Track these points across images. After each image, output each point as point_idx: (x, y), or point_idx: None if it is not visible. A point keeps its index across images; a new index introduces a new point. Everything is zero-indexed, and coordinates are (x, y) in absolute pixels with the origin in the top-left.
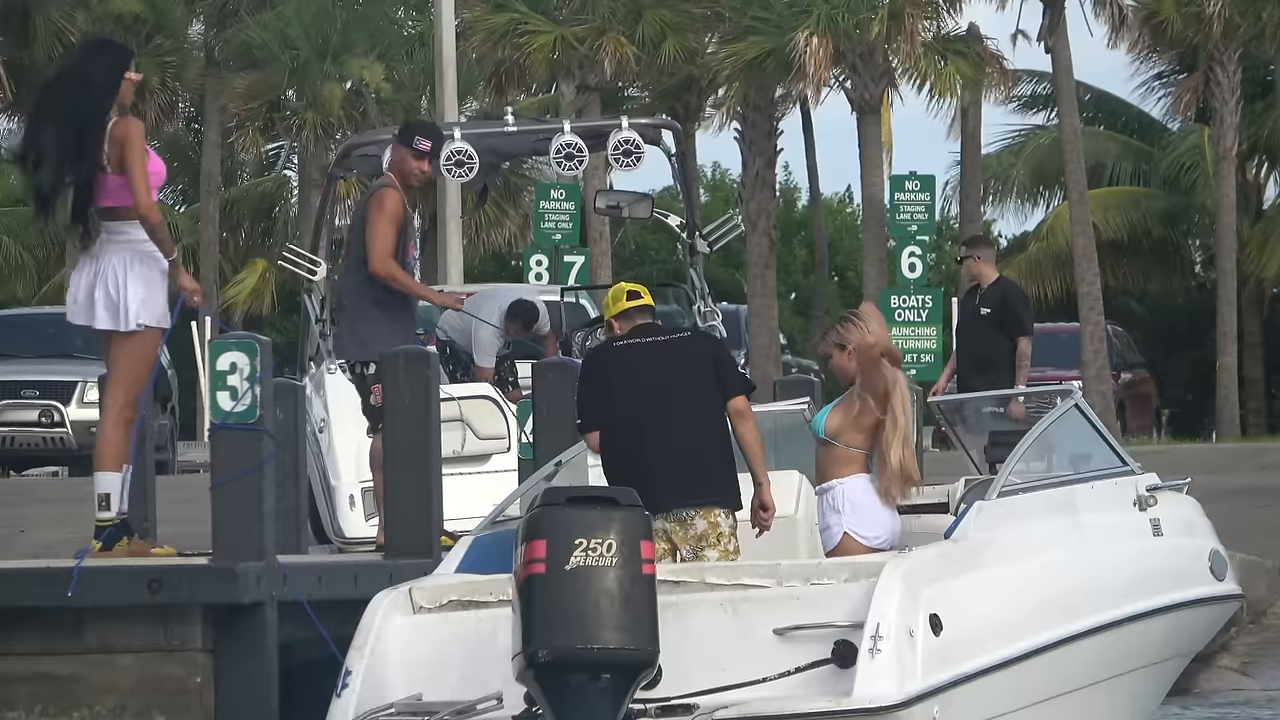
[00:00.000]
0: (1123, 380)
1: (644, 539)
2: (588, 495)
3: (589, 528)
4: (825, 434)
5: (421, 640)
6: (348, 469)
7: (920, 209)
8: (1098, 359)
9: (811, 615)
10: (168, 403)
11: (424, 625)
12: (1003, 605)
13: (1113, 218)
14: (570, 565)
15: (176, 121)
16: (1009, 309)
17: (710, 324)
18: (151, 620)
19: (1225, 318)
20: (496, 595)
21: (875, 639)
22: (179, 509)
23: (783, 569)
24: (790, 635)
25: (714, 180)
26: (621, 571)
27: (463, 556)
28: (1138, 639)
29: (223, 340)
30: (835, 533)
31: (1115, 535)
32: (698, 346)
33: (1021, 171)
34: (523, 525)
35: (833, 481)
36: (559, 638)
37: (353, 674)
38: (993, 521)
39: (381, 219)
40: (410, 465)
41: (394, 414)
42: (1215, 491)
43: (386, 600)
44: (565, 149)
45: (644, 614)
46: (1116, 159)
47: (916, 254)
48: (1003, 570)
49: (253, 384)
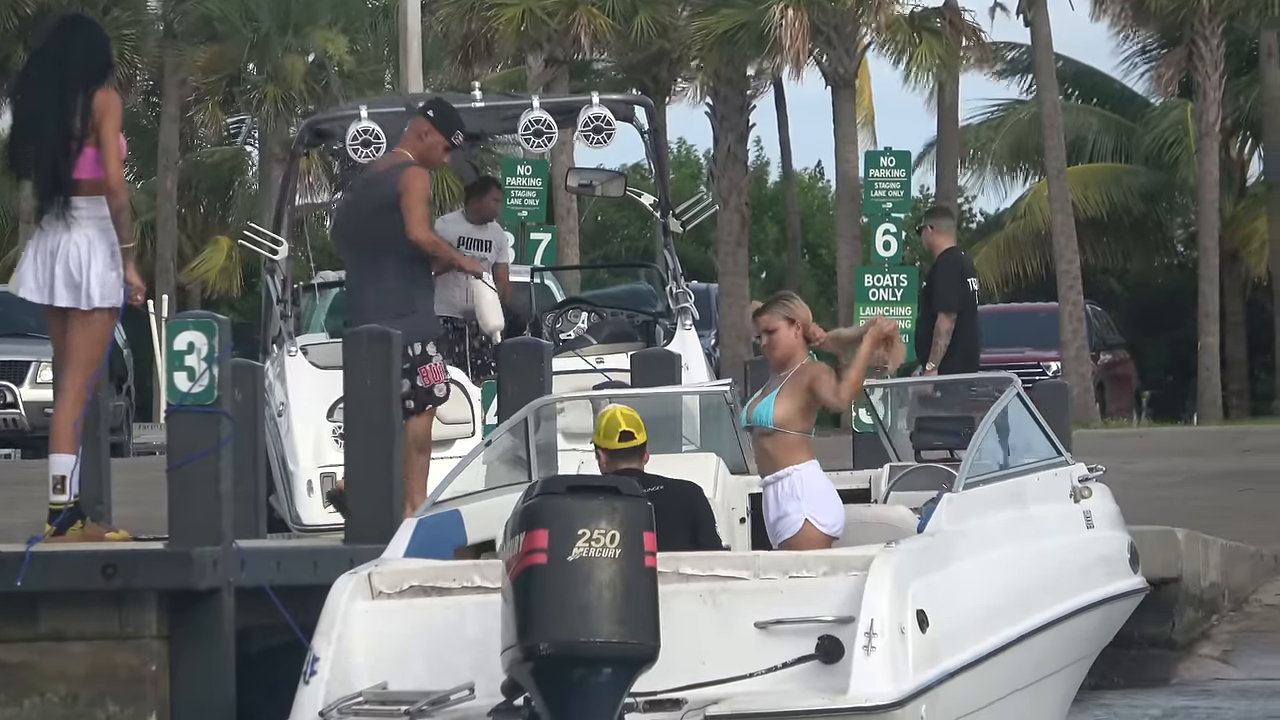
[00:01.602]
0: (1102, 361)
1: (646, 530)
2: (589, 484)
3: (592, 517)
4: (774, 424)
5: (384, 627)
6: (306, 454)
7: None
8: (1076, 339)
9: (793, 609)
10: (123, 383)
11: (386, 612)
12: (976, 600)
13: (1093, 194)
14: (573, 556)
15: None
16: (930, 281)
17: (682, 305)
18: (105, 606)
19: (1207, 297)
20: (460, 582)
21: (869, 635)
22: (134, 492)
23: (760, 561)
24: (772, 629)
25: (680, 156)
26: (625, 563)
27: (409, 540)
28: (1082, 631)
29: (180, 319)
30: (794, 520)
31: (1059, 528)
32: (677, 502)
33: (1000, 146)
34: (520, 514)
35: (788, 469)
36: (561, 631)
37: (320, 661)
38: (960, 514)
39: (418, 198)
40: (371, 448)
41: (355, 395)
42: (1197, 475)
43: (350, 585)
44: (534, 126)
45: (646, 607)
46: (1097, 134)
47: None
48: (973, 564)
49: (210, 364)
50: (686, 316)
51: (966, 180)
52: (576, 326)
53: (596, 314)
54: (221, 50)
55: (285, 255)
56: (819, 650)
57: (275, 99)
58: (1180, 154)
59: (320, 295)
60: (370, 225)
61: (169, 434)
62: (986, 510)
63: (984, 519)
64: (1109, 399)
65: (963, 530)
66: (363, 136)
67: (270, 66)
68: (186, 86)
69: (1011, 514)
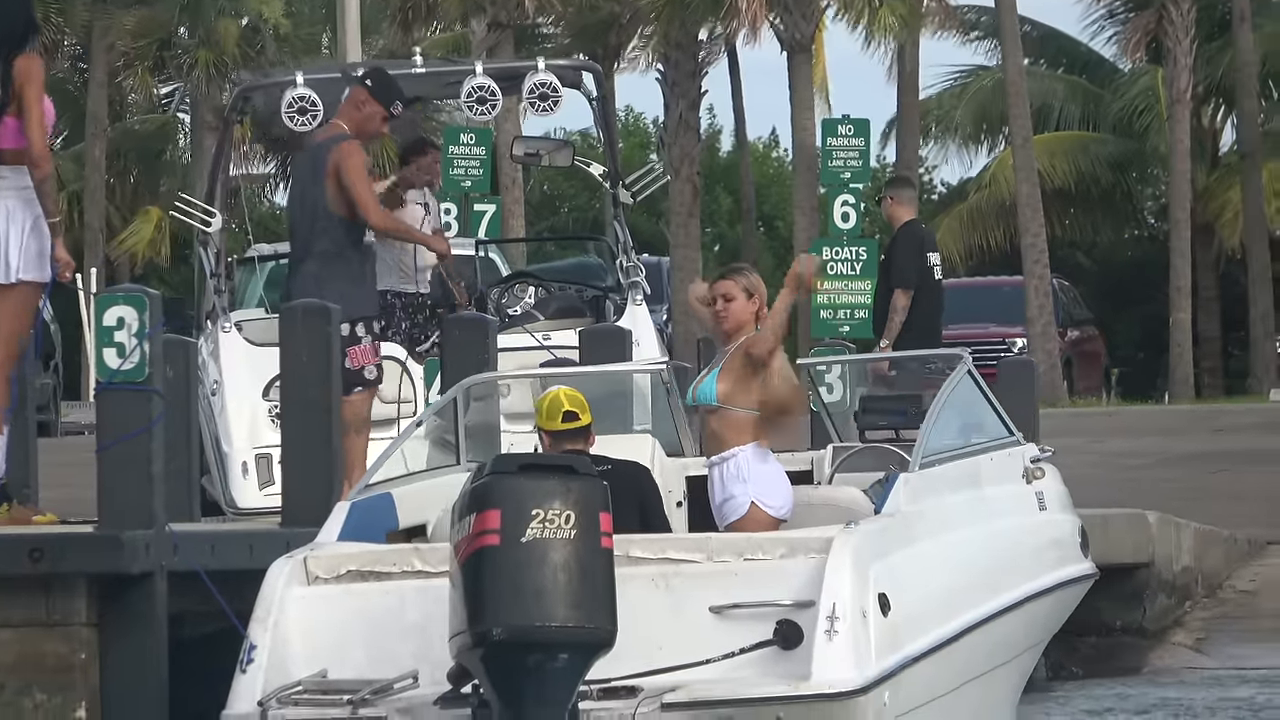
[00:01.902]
0: (1069, 337)
1: (602, 510)
2: (542, 463)
3: (546, 497)
4: (718, 401)
5: (321, 613)
6: (241, 434)
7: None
8: (1043, 315)
9: (749, 593)
10: (51, 360)
11: (323, 597)
12: (935, 583)
13: (1059, 164)
14: (526, 537)
15: (60, 61)
16: (889, 255)
17: (633, 280)
18: (32, 592)
19: (1179, 271)
20: (400, 566)
21: (831, 620)
22: (62, 473)
23: (713, 543)
24: (728, 614)
25: (630, 124)
26: (580, 544)
27: (343, 523)
28: (1038, 617)
29: (109, 294)
30: (740, 503)
31: (1013, 509)
32: (624, 483)
33: (963, 115)
34: (469, 494)
35: (733, 450)
36: (515, 615)
37: (257, 649)
38: (917, 494)
39: (358, 176)
40: (309, 427)
41: (291, 373)
42: (1168, 456)
43: (286, 569)
44: (477, 92)
45: (603, 590)
46: (1064, 101)
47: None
48: (931, 546)
49: (141, 340)
50: (637, 291)
51: (928, 150)
52: (523, 302)
53: (544, 289)
54: (151, 13)
55: (219, 227)
56: (777, 635)
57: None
58: (1151, 122)
59: (256, 269)
60: (303, 198)
61: (98, 413)
62: (943, 491)
63: (940, 500)
64: (1077, 377)
65: (920, 511)
66: (299, 104)
67: (202, 30)
68: (115, 51)
69: (967, 495)
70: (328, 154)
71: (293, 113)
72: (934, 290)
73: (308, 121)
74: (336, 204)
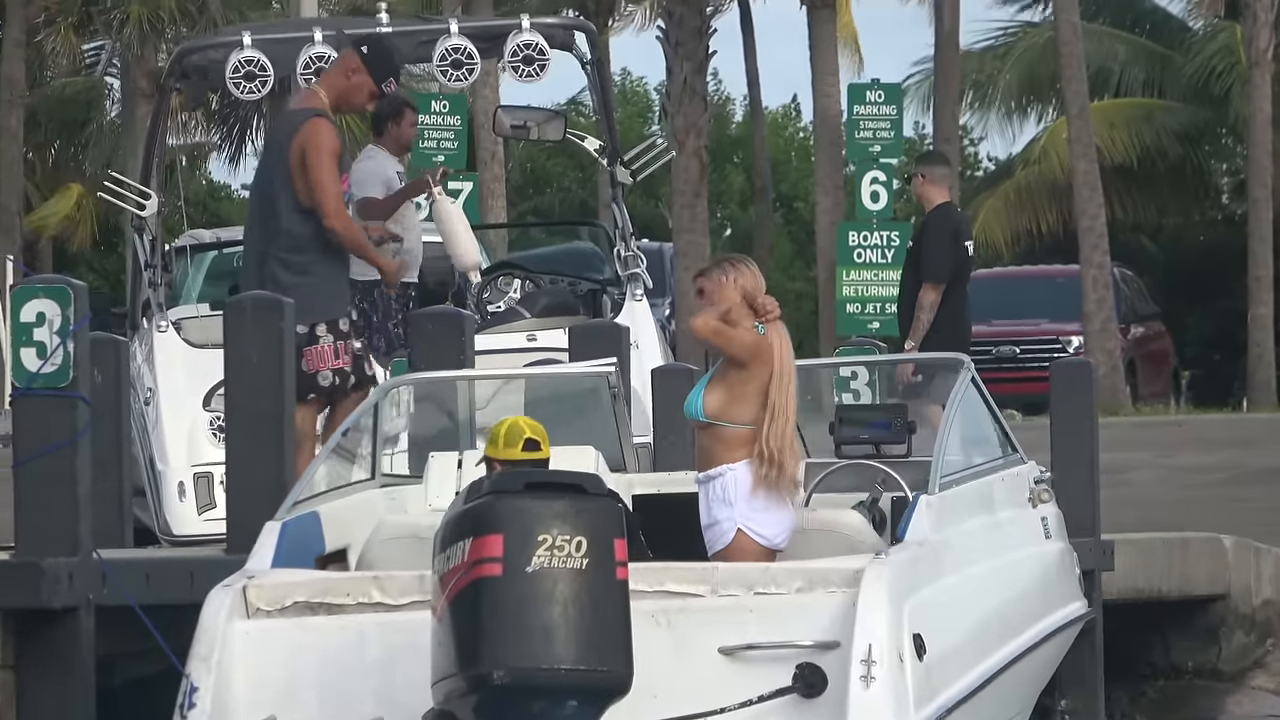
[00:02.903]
0: (1133, 335)
1: (616, 536)
2: (550, 481)
3: (555, 521)
4: (705, 416)
5: (268, 651)
6: (177, 451)
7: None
8: (1102, 309)
9: (764, 632)
10: None
11: (269, 633)
12: (962, 622)
13: (1120, 136)
14: (532, 566)
15: None
16: (918, 242)
17: (632, 271)
18: None
19: (1258, 259)
20: (356, 597)
21: (867, 664)
22: None
23: (719, 574)
24: (741, 657)
25: (627, 90)
26: (593, 575)
27: (275, 546)
28: (1050, 658)
29: (28, 285)
30: (726, 529)
31: (1024, 538)
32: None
33: (1009, 79)
34: (463, 516)
35: (720, 468)
36: (519, 656)
37: (199, 691)
38: (940, 520)
39: (326, 160)
40: (258, 441)
41: (238, 378)
42: (1245, 472)
43: (228, 601)
44: (452, 55)
45: (618, 628)
46: (1126, 64)
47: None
48: (955, 580)
49: (64, 339)
50: (637, 284)
51: (970, 119)
52: (507, 296)
53: (531, 281)
54: None
55: (155, 210)
56: (798, 681)
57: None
58: (1232, 85)
59: (198, 259)
60: (263, 174)
61: (15, 423)
62: (962, 516)
63: (960, 526)
64: (1141, 381)
65: (945, 539)
66: (245, 69)
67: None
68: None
69: (983, 521)
70: (295, 130)
71: (239, 78)
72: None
73: (256, 88)
74: (301, 188)
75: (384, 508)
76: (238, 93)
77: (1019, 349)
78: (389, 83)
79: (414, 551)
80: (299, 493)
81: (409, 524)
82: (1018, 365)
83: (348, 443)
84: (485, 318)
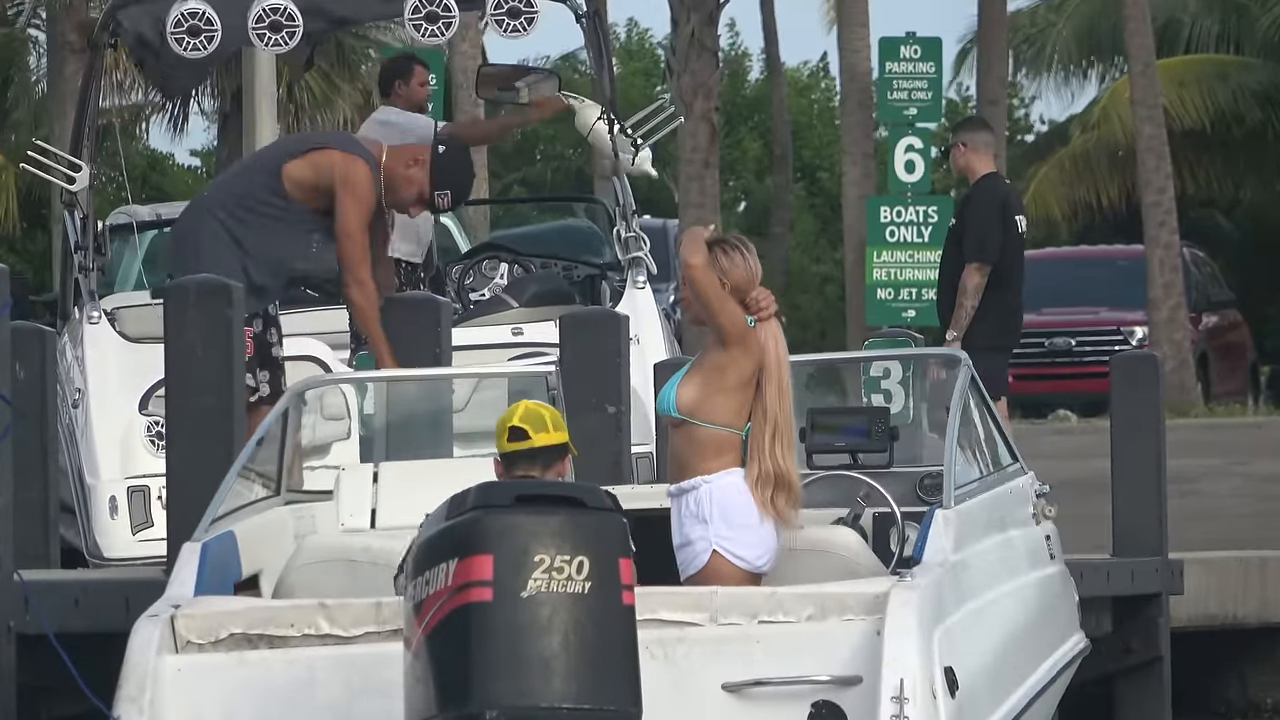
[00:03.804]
0: (1205, 325)
1: (622, 555)
2: (542, 493)
3: (553, 539)
4: (678, 411)
5: (202, 688)
6: (109, 461)
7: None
8: (1170, 295)
9: (773, 666)
10: None
11: (204, 668)
12: (986, 653)
13: (1191, 97)
14: (527, 591)
15: None
16: (961, 219)
17: (634, 254)
18: None
19: None
20: (301, 628)
21: (899, 702)
22: None
23: (718, 600)
24: (748, 694)
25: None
26: (596, 600)
27: (197, 570)
28: (1058, 694)
29: None
30: (699, 550)
31: (1033, 559)
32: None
33: (1065, 33)
34: (444, 535)
35: (694, 479)
36: (514, 693)
37: None
38: (959, 539)
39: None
40: (203, 447)
41: (180, 373)
42: None
43: (157, 633)
44: (426, 7)
45: (625, 659)
46: (1197, 16)
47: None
48: (976, 606)
49: None
50: (639, 269)
51: (1021, 77)
52: (492, 283)
53: (520, 265)
54: None
55: (86, 184)
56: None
57: None
58: None
59: (134, 238)
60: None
61: None
62: (978, 534)
63: (977, 546)
64: (1215, 376)
65: (964, 560)
66: (190, 23)
67: None
68: None
69: (996, 540)
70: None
71: (182, 33)
72: (1018, 267)
73: (200, 45)
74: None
75: (294, 528)
76: (180, 49)
77: (1075, 341)
78: (444, 196)
79: (343, 577)
80: (215, 509)
81: (338, 546)
82: (1073, 359)
83: (261, 453)
84: (467, 307)
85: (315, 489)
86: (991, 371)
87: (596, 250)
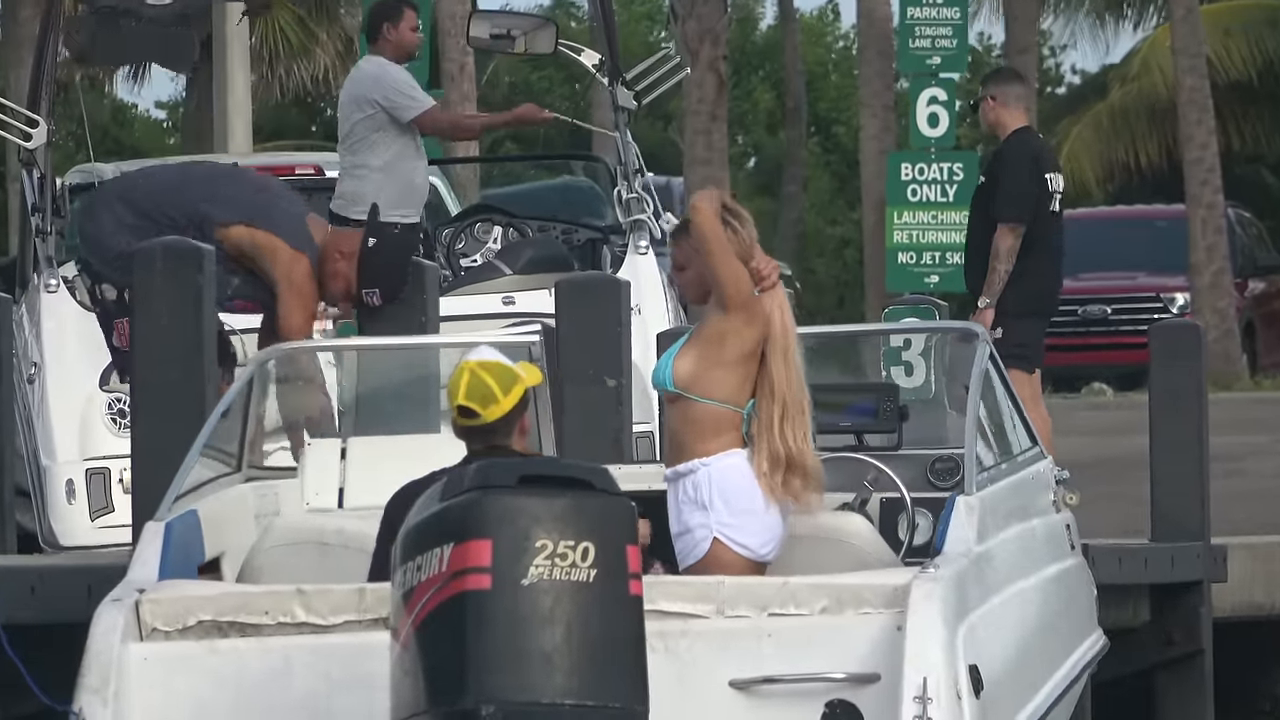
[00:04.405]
0: (1252, 292)
1: (629, 541)
2: (548, 474)
3: (556, 523)
4: (674, 385)
5: (169, 679)
6: (66, 441)
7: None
8: (1214, 259)
9: (785, 662)
10: None
11: (170, 657)
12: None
13: (1237, 45)
14: (529, 579)
15: None
16: (990, 177)
17: (636, 217)
18: None
19: None
20: (276, 616)
21: (923, 702)
22: None
23: (725, 590)
24: (757, 692)
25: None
26: (602, 589)
27: (162, 550)
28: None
29: None
30: (699, 538)
31: (1055, 550)
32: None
33: None
34: (439, 518)
35: (693, 462)
36: (513, 688)
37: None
38: (983, 527)
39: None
40: (170, 424)
41: (146, 344)
42: None
43: (121, 619)
44: None
45: (631, 653)
46: None
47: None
48: (1000, 600)
49: None
50: (642, 233)
51: (1052, 24)
52: (485, 248)
53: (514, 229)
54: None
55: (44, 140)
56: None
57: None
58: None
59: None
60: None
61: None
62: (1001, 523)
63: (1001, 535)
64: (1262, 347)
65: (988, 551)
66: None
67: None
68: None
69: (1019, 529)
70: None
71: None
72: (1052, 229)
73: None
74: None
75: (255, 507)
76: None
77: (1111, 309)
78: (373, 294)
79: (315, 561)
80: (178, 486)
81: (311, 528)
82: (1109, 329)
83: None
84: (458, 274)
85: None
86: (1027, 341)
87: (598, 212)
